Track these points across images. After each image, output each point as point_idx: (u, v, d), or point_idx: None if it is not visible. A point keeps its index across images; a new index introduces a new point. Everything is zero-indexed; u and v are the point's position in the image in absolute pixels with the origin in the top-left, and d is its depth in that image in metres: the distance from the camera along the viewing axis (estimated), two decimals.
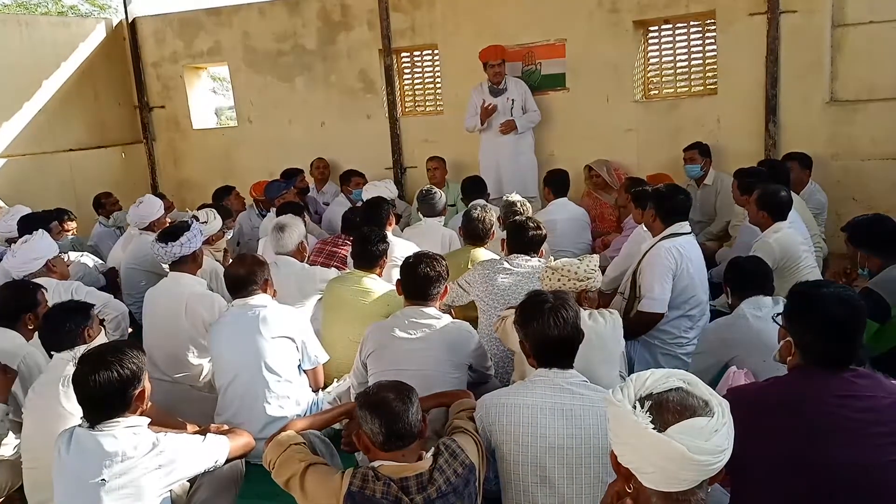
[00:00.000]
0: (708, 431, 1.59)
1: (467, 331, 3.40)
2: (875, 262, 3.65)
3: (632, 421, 1.62)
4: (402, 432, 2.20)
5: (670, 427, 1.59)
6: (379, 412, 2.21)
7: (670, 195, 4.35)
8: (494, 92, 7.11)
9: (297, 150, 8.48)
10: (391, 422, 2.20)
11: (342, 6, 8.26)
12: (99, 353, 2.47)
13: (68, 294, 4.29)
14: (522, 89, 7.14)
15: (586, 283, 3.27)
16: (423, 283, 3.35)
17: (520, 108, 7.09)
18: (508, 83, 7.10)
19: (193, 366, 4.12)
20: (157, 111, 9.59)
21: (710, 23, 6.77)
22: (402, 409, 2.20)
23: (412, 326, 3.32)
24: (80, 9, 19.37)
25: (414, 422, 2.22)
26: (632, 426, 1.63)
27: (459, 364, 3.30)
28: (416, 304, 3.38)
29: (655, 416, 1.62)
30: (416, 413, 2.24)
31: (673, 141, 6.80)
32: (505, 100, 7.07)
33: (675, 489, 1.63)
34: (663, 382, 1.69)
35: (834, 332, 2.20)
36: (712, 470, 1.61)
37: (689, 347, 4.24)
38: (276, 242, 4.63)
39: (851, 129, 6.27)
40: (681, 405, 1.64)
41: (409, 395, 2.26)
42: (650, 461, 1.62)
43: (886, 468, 2.06)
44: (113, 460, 2.36)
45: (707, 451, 1.58)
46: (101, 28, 9.27)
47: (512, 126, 7.03)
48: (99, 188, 7.49)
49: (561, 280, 3.29)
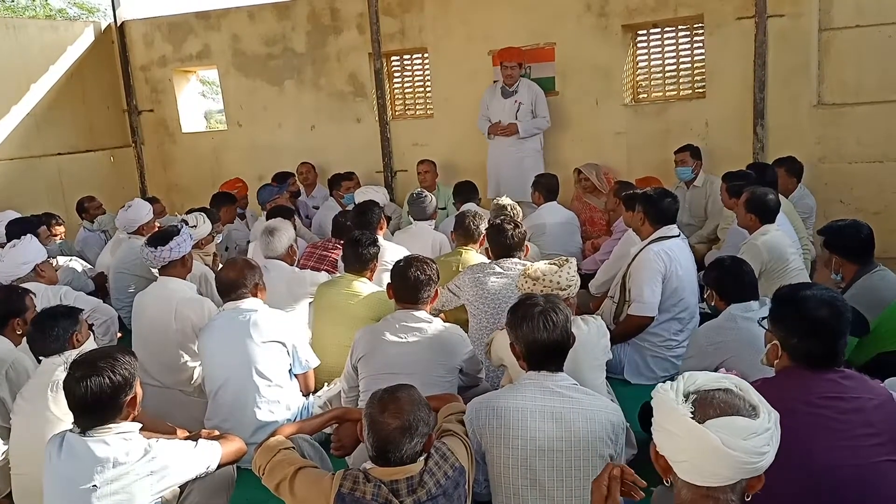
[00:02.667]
0: (747, 431, 1.58)
1: (459, 335, 3.41)
2: (849, 269, 3.68)
3: (671, 408, 1.64)
4: (395, 460, 2.18)
5: (709, 420, 1.60)
6: (379, 436, 2.17)
7: (658, 199, 4.37)
8: (505, 93, 7.06)
9: (287, 154, 8.48)
10: (386, 451, 2.17)
11: (332, 10, 8.26)
12: (91, 358, 2.45)
13: (57, 299, 4.28)
14: (534, 93, 7.03)
15: (567, 292, 3.26)
16: (414, 286, 3.35)
17: (528, 111, 7.00)
18: (521, 86, 7.03)
19: (183, 370, 4.10)
20: (146, 115, 9.56)
21: (698, 26, 6.81)
22: (401, 442, 2.16)
23: (403, 330, 3.32)
24: (68, 12, 19.28)
25: (410, 454, 2.18)
26: (671, 413, 1.64)
27: (451, 368, 3.31)
28: (407, 308, 3.38)
29: (697, 410, 1.63)
30: (417, 445, 2.19)
31: (662, 144, 6.84)
32: (513, 102, 7.03)
33: (706, 483, 1.62)
34: (714, 383, 1.70)
35: (819, 333, 2.22)
36: (747, 470, 1.59)
37: (678, 350, 4.26)
38: (266, 246, 4.62)
39: (838, 132, 6.31)
40: (725, 403, 1.64)
41: (414, 427, 2.17)
42: (684, 451, 1.63)
43: (872, 470, 2.08)
44: (105, 466, 2.35)
45: (743, 448, 1.56)
46: (90, 31, 9.24)
47: (513, 130, 7.01)
48: (87, 192, 7.45)
49: (543, 291, 3.26)
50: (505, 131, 7.02)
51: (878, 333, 3.44)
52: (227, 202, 6.74)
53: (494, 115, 7.11)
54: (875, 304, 3.47)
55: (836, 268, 3.73)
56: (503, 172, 7.12)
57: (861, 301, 3.43)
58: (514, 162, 7.08)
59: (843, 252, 3.70)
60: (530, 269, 3.30)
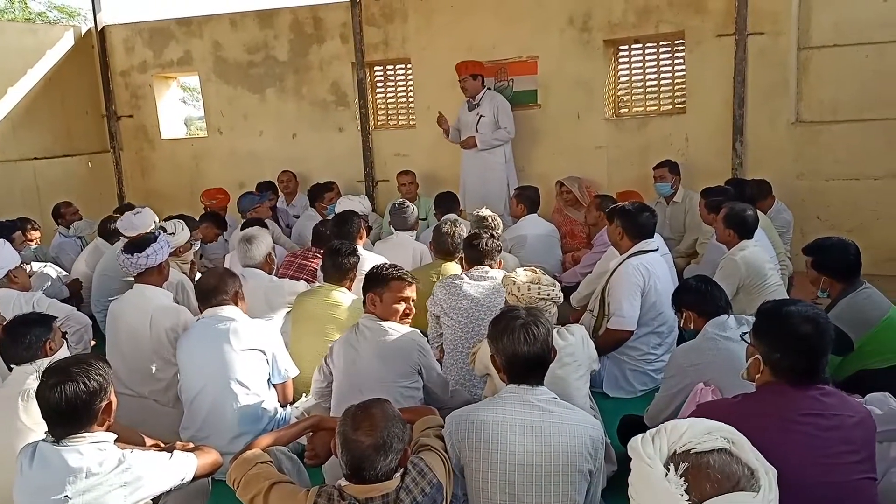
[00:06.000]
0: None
1: (410, 338, 3.39)
2: (836, 287, 3.69)
3: (662, 488, 1.39)
4: (369, 478, 2.14)
5: (708, 501, 1.36)
6: (353, 454, 2.14)
7: (636, 213, 4.39)
8: (470, 106, 7.11)
9: (268, 162, 8.45)
10: (361, 469, 2.14)
11: (315, 19, 8.25)
12: (64, 365, 2.42)
13: (30, 306, 4.21)
14: (496, 105, 7.07)
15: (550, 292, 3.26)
16: None
17: (489, 123, 7.04)
18: (484, 99, 7.08)
19: (158, 379, 4.03)
20: (126, 120, 9.47)
21: (678, 43, 6.88)
22: (375, 460, 2.12)
23: (367, 339, 3.35)
24: (48, 16, 19.09)
25: (385, 471, 2.14)
26: (661, 493, 1.39)
27: (405, 373, 3.30)
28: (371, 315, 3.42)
29: (691, 484, 1.38)
30: (391, 462, 2.15)
31: (642, 158, 6.89)
32: (475, 115, 7.10)
33: None
34: (704, 440, 1.45)
35: (803, 349, 2.23)
36: None
37: (657, 364, 4.27)
38: (244, 254, 4.58)
39: (816, 150, 6.39)
40: (722, 473, 1.40)
41: (388, 444, 2.12)
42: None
43: (851, 487, 2.09)
44: (77, 476, 2.31)
45: None
46: (70, 36, 9.16)
47: (471, 143, 7.05)
48: (64, 197, 7.35)
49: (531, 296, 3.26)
50: (465, 144, 7.10)
51: (862, 351, 3.46)
52: (213, 222, 6.63)
53: (463, 128, 7.20)
54: (860, 323, 3.48)
55: (825, 286, 3.73)
56: (469, 185, 7.22)
57: (846, 319, 3.45)
58: (479, 174, 7.16)
59: (830, 272, 3.70)
60: (516, 284, 3.28)
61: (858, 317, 3.50)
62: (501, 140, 7.10)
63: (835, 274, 3.68)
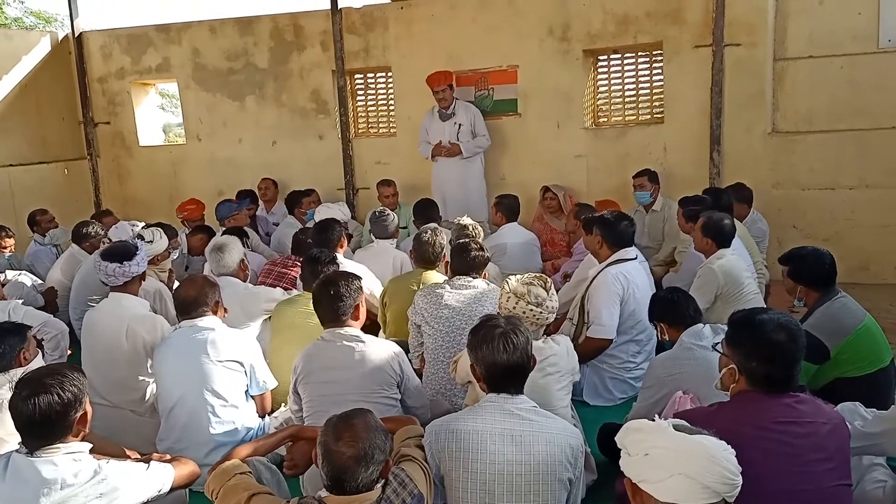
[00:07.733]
0: (724, 446, 1.78)
1: (387, 350, 3.33)
2: (812, 296, 3.73)
3: (657, 426, 1.80)
4: (350, 489, 2.13)
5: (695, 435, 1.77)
6: (334, 465, 2.12)
7: (615, 222, 4.42)
8: (443, 116, 7.17)
9: (248, 169, 8.42)
10: (342, 480, 2.12)
11: (295, 26, 8.24)
12: (37, 376, 2.38)
13: (4, 314, 4.14)
14: (472, 114, 7.17)
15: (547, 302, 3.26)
16: (329, 304, 3.28)
17: (468, 132, 7.12)
18: (458, 108, 7.15)
19: (134, 389, 3.97)
20: (103, 127, 9.38)
21: (657, 54, 6.95)
22: (356, 471, 2.10)
23: (335, 349, 3.26)
24: (24, 21, 18.90)
25: (366, 482, 2.13)
26: (657, 432, 1.78)
27: (383, 382, 3.25)
28: (332, 327, 3.31)
29: (677, 428, 1.81)
30: (373, 473, 2.13)
31: (621, 167, 6.94)
32: (452, 124, 7.12)
33: (691, 502, 1.72)
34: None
35: (777, 357, 2.25)
36: (728, 486, 1.73)
37: (637, 372, 4.29)
38: (217, 263, 4.54)
39: (792, 159, 6.48)
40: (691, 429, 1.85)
41: (370, 456, 2.11)
42: (674, 466, 1.72)
43: (826, 494, 2.11)
44: (52, 488, 2.27)
45: (727, 459, 1.73)
46: (46, 41, 9.07)
47: (456, 151, 7.08)
48: (40, 204, 7.25)
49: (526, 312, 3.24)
50: (449, 152, 7.14)
51: (838, 359, 3.48)
52: (206, 234, 6.52)
53: (434, 138, 7.25)
54: (835, 332, 3.50)
55: (802, 295, 3.76)
56: (448, 194, 7.23)
57: (822, 328, 3.48)
58: (459, 182, 7.20)
59: (806, 281, 3.73)
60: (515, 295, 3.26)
61: (834, 325, 3.52)
62: (482, 147, 7.22)
63: (811, 283, 3.71)
